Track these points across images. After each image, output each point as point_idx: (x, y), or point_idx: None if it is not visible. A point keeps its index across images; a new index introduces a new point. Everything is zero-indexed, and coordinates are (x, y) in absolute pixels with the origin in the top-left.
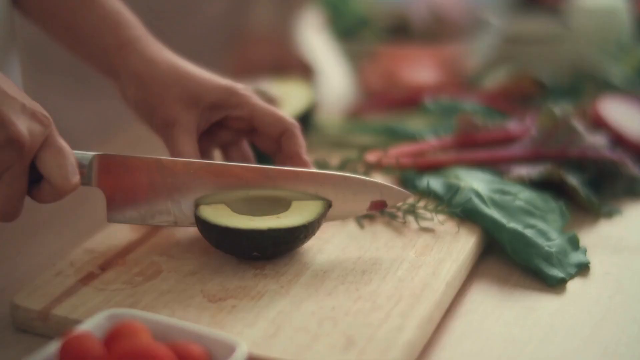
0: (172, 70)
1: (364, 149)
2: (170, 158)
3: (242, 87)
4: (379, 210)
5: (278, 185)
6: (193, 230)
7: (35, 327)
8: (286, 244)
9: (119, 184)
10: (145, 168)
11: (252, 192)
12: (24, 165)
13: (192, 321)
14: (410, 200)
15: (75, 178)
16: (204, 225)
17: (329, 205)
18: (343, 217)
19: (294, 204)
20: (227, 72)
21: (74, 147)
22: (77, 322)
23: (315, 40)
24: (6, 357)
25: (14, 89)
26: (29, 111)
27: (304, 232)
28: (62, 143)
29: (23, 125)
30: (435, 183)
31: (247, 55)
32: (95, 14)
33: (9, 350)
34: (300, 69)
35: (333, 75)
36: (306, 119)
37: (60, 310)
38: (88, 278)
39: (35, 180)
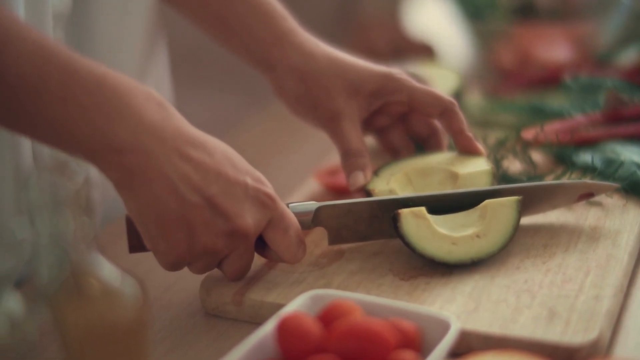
0: (330, 63)
1: (512, 128)
2: (389, 197)
3: (398, 72)
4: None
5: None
6: None
7: (228, 312)
8: None
9: (342, 224)
10: (366, 209)
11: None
12: (250, 245)
13: (389, 299)
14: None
15: (302, 254)
16: (407, 243)
17: (521, 201)
18: (551, 209)
19: (489, 207)
20: None
21: None
22: (273, 304)
23: (438, 20)
24: (200, 343)
25: (238, 165)
26: (252, 194)
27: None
28: (288, 220)
29: (248, 214)
30: (594, 158)
31: (365, 40)
32: (247, 4)
33: (202, 336)
34: (420, 50)
35: (457, 54)
36: (456, 99)
37: (254, 294)
38: (272, 262)
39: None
